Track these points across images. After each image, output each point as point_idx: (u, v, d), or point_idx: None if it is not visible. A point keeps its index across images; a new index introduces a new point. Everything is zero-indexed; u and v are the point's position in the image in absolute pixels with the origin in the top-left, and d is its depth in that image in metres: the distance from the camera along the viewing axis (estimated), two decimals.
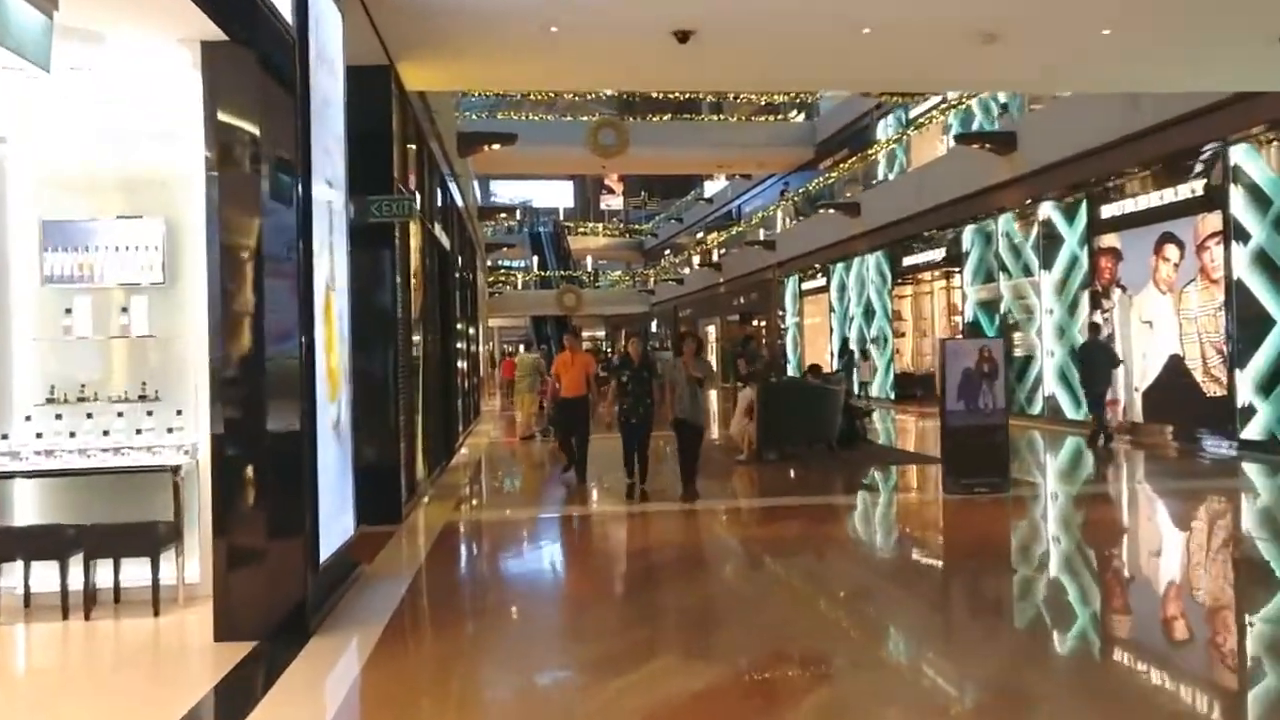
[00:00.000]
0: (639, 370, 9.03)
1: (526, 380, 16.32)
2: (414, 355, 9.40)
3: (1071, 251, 14.94)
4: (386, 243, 8.19)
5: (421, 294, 10.61)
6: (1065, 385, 15.20)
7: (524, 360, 17.10)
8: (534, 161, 35.10)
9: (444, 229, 13.99)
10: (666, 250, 50.78)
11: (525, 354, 16.88)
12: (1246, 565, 6.38)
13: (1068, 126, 14.63)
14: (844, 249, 24.89)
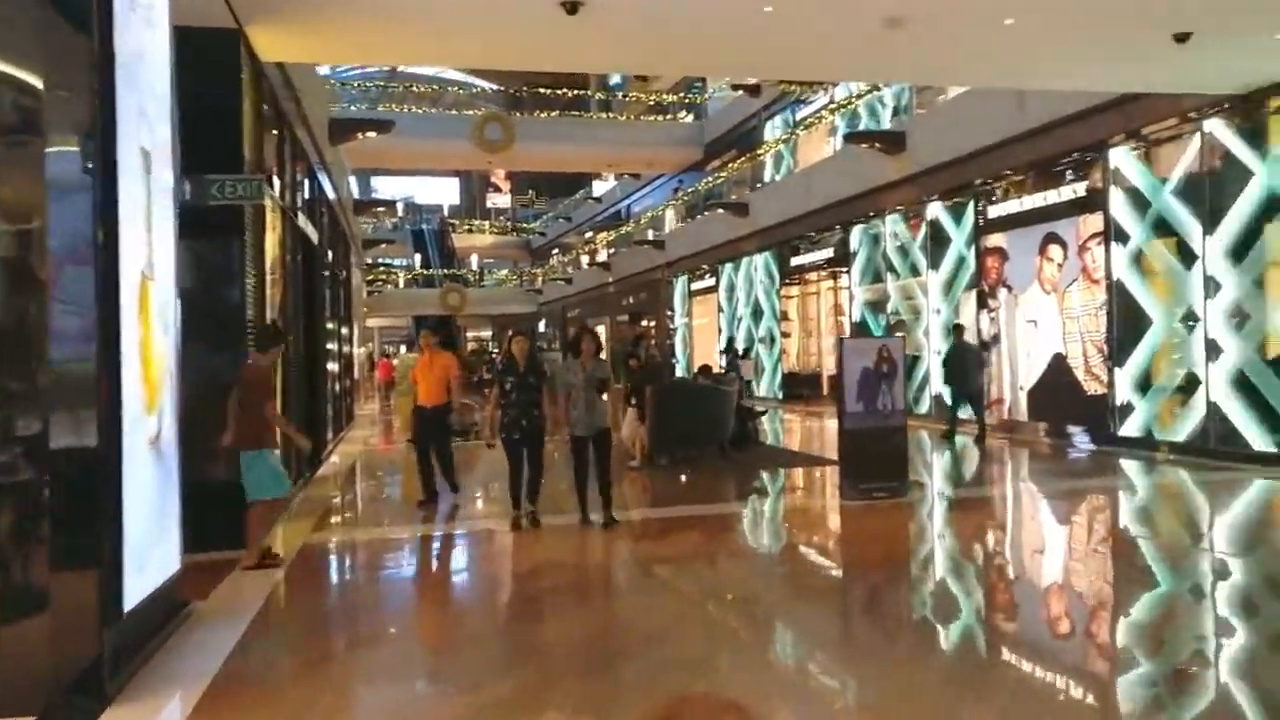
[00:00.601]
0: (525, 376, 7.56)
1: (406, 382, 15.48)
2: None
3: (958, 252, 15.00)
4: (234, 231, 7.27)
5: (282, 290, 9.65)
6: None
7: (404, 361, 16.19)
8: (417, 156, 33.89)
9: (312, 221, 12.96)
10: (555, 250, 50.03)
11: (406, 355, 15.99)
12: (1147, 565, 6.21)
13: (955, 127, 14.67)
14: (733, 249, 24.73)
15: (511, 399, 7.55)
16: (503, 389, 7.65)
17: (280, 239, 9.71)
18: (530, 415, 7.54)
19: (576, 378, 7.52)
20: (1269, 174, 9.38)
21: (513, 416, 7.54)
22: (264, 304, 8.27)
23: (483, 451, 9.20)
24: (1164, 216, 10.68)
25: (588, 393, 7.49)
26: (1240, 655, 4.58)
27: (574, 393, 7.50)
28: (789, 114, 25.45)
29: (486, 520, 8.49)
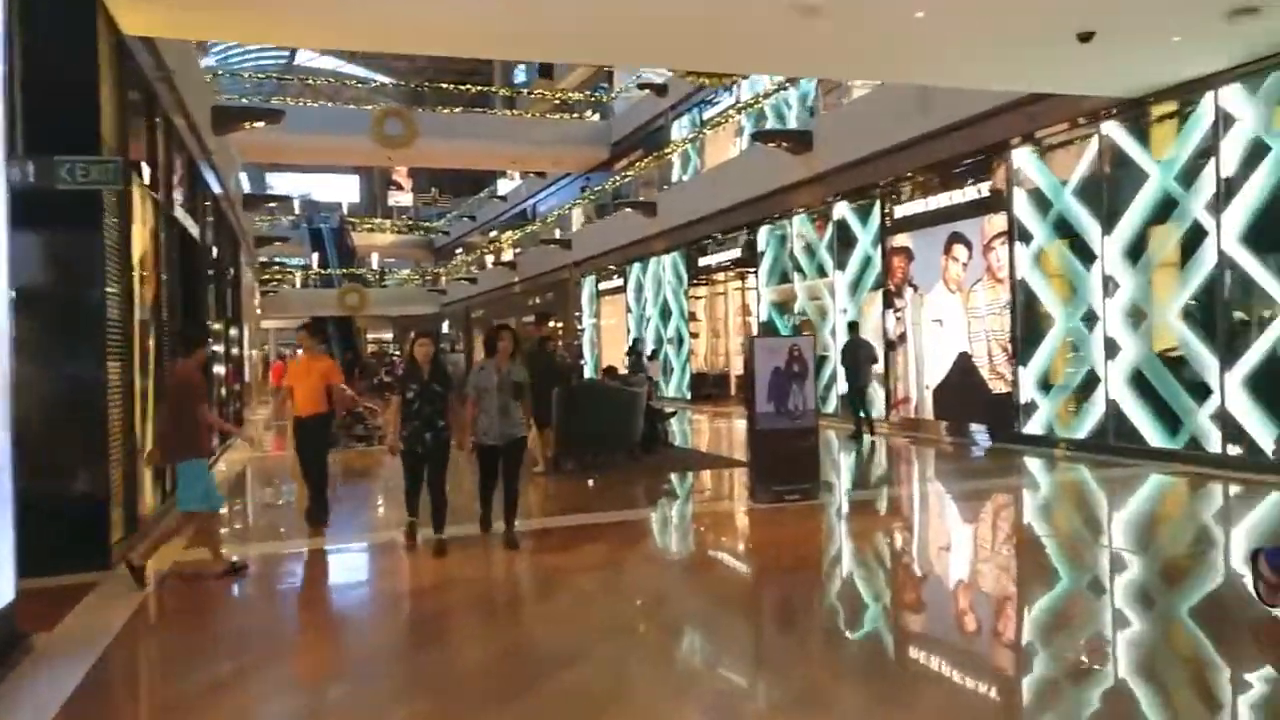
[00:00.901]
0: (429, 383, 6.76)
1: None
2: (136, 362, 7.72)
3: (865, 252, 15.04)
4: (92, 221, 6.56)
5: (154, 289, 8.90)
6: None
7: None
8: (314, 151, 32.67)
9: (193, 215, 12.11)
10: (458, 249, 49.00)
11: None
12: (1049, 562, 6.14)
13: (861, 127, 14.71)
14: (641, 249, 24.49)
15: (414, 409, 6.73)
16: (404, 397, 6.79)
17: (153, 232, 8.97)
18: (434, 428, 6.74)
19: (490, 380, 6.75)
20: (1163, 176, 9.55)
21: (415, 429, 6.73)
22: (131, 304, 7.55)
23: (386, 458, 8.27)
24: (1065, 217, 10.82)
25: (501, 397, 6.73)
26: (1138, 648, 4.64)
27: (485, 397, 6.74)
28: (696, 114, 25.40)
29: (381, 534, 7.95)
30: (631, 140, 29.59)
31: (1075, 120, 10.62)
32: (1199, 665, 4.39)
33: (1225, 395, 8.91)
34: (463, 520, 7.30)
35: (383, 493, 9.97)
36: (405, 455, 6.84)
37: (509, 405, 6.78)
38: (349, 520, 8.49)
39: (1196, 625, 5.02)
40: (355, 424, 15.15)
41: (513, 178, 43.12)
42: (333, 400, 7.90)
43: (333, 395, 7.88)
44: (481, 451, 6.86)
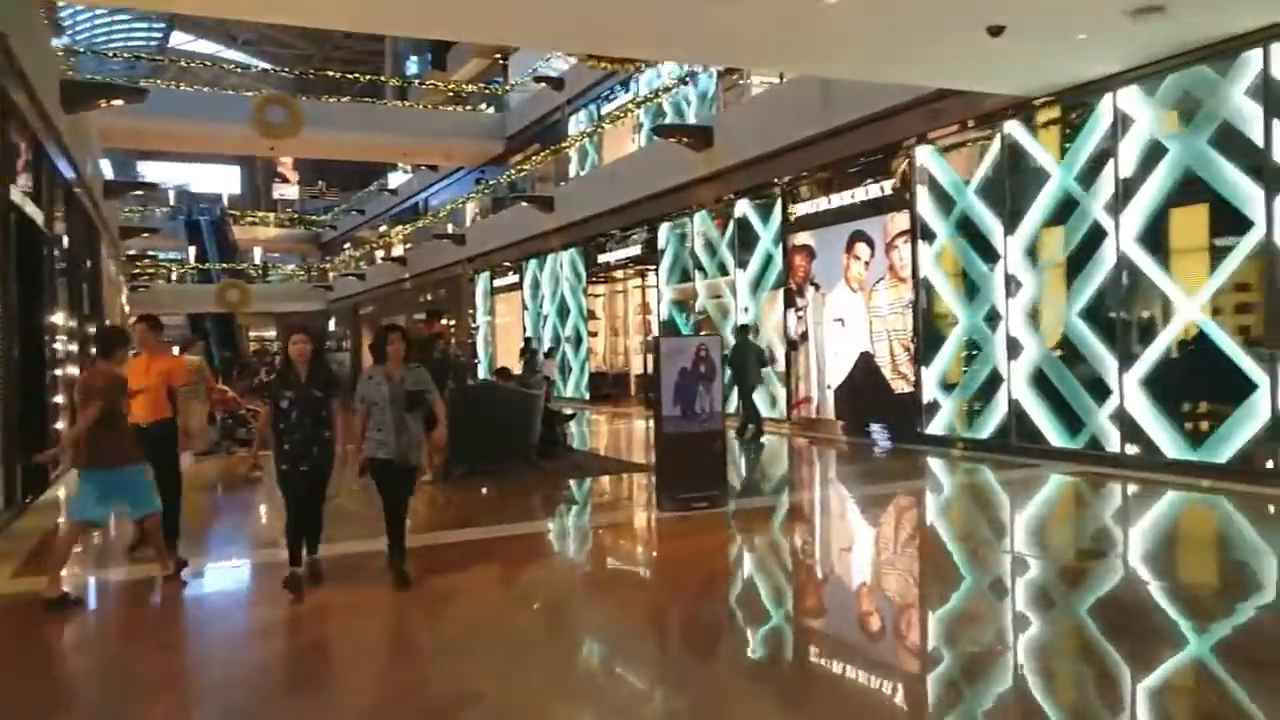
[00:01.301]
0: (308, 387, 5.71)
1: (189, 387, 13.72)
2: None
3: (766, 250, 14.82)
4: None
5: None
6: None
7: (187, 363, 14.08)
8: (190, 138, 30.84)
9: (36, 201, 10.91)
10: (346, 244, 47.24)
11: (188, 356, 14.03)
12: (954, 566, 5.90)
13: (762, 123, 14.49)
14: (538, 245, 23.86)
15: (291, 420, 5.62)
16: (277, 407, 5.69)
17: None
18: (320, 442, 5.71)
19: (380, 392, 5.65)
20: (1063, 176, 9.56)
21: (295, 443, 5.63)
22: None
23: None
24: (968, 216, 10.77)
25: (394, 411, 5.63)
26: (1039, 650, 4.62)
27: (375, 411, 5.67)
28: (594, 109, 24.96)
29: (258, 553, 7.16)
30: (527, 134, 28.94)
31: (978, 119, 10.58)
32: (1099, 665, 4.32)
33: (1124, 395, 8.94)
34: (344, 539, 6.62)
35: (262, 504, 9.12)
36: (283, 479, 5.70)
37: (405, 420, 5.67)
38: (216, 539, 7.66)
39: (1095, 625, 4.94)
40: (238, 427, 14.27)
41: (405, 171, 41.82)
42: (177, 405, 7.00)
43: (175, 398, 6.95)
44: (376, 467, 5.73)
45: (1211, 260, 8.32)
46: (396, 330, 5.86)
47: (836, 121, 12.59)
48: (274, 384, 5.93)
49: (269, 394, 5.89)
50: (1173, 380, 8.68)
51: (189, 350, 14.46)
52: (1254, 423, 7.90)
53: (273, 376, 6.00)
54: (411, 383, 5.73)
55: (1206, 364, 8.27)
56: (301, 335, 5.83)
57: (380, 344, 5.80)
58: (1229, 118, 8.07)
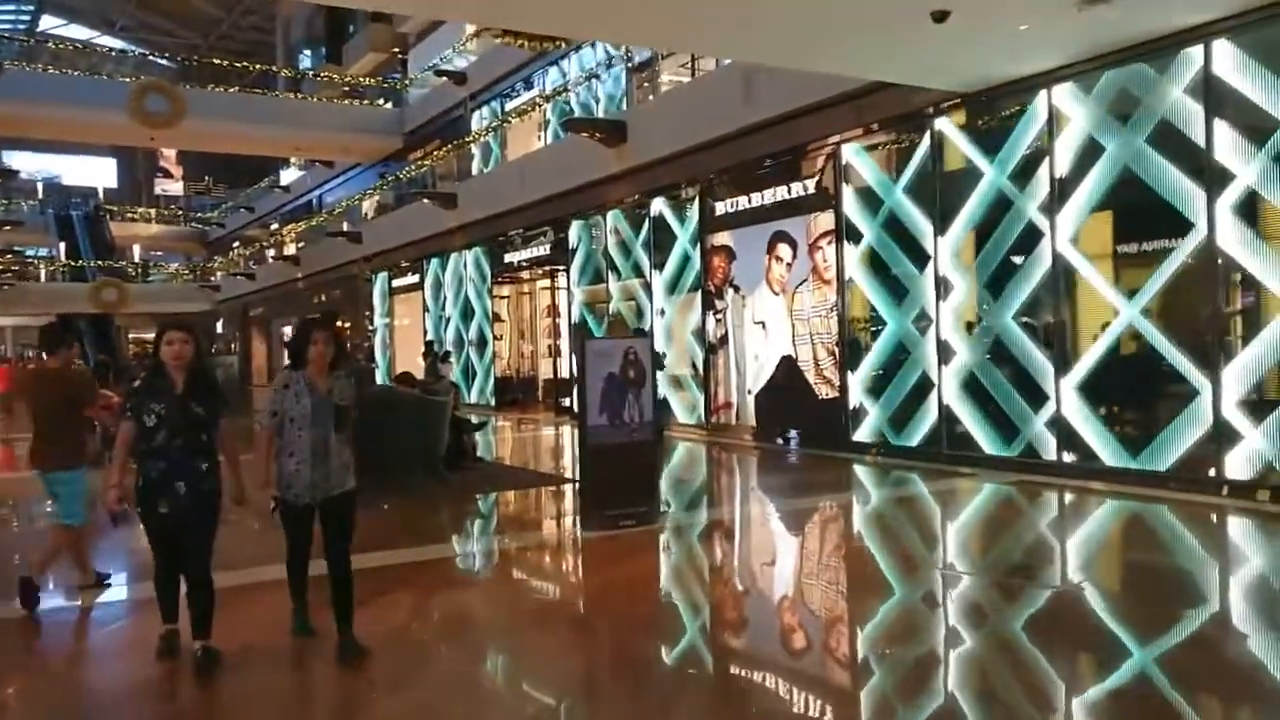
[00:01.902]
0: (185, 399, 4.44)
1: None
2: None
3: (683, 250, 14.31)
4: None
5: None
6: (675, 389, 14.58)
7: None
8: (59, 126, 28.60)
9: None
10: (236, 243, 44.95)
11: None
12: (887, 583, 5.45)
13: (680, 118, 13.97)
14: (440, 243, 22.86)
15: (157, 442, 4.35)
16: (141, 425, 4.39)
17: None
18: (191, 473, 4.39)
19: (300, 404, 4.43)
20: (996, 175, 9.30)
21: (161, 472, 4.34)
22: None
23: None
24: (896, 215, 10.44)
25: (318, 430, 4.42)
26: (974, 666, 4.49)
27: (292, 430, 4.44)
28: (498, 104, 24.15)
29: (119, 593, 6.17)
30: (427, 130, 27.90)
31: (905, 116, 10.26)
32: (1034, 682, 4.17)
33: (1061, 401, 8.70)
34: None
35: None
36: (146, 518, 4.42)
37: (330, 441, 4.45)
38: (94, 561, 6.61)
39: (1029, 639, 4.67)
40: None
41: (296, 168, 40.01)
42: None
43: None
44: (290, 514, 4.54)
45: (1151, 262, 8.13)
46: (325, 327, 4.57)
47: (757, 117, 12.15)
48: (138, 393, 4.46)
49: (130, 406, 4.46)
50: (1111, 386, 8.48)
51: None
52: (1195, 429, 7.72)
53: (137, 384, 4.58)
54: (339, 395, 4.51)
55: (1146, 369, 8.07)
56: (179, 333, 4.46)
57: (301, 343, 4.49)
58: (1168, 116, 7.89)
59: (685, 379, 14.35)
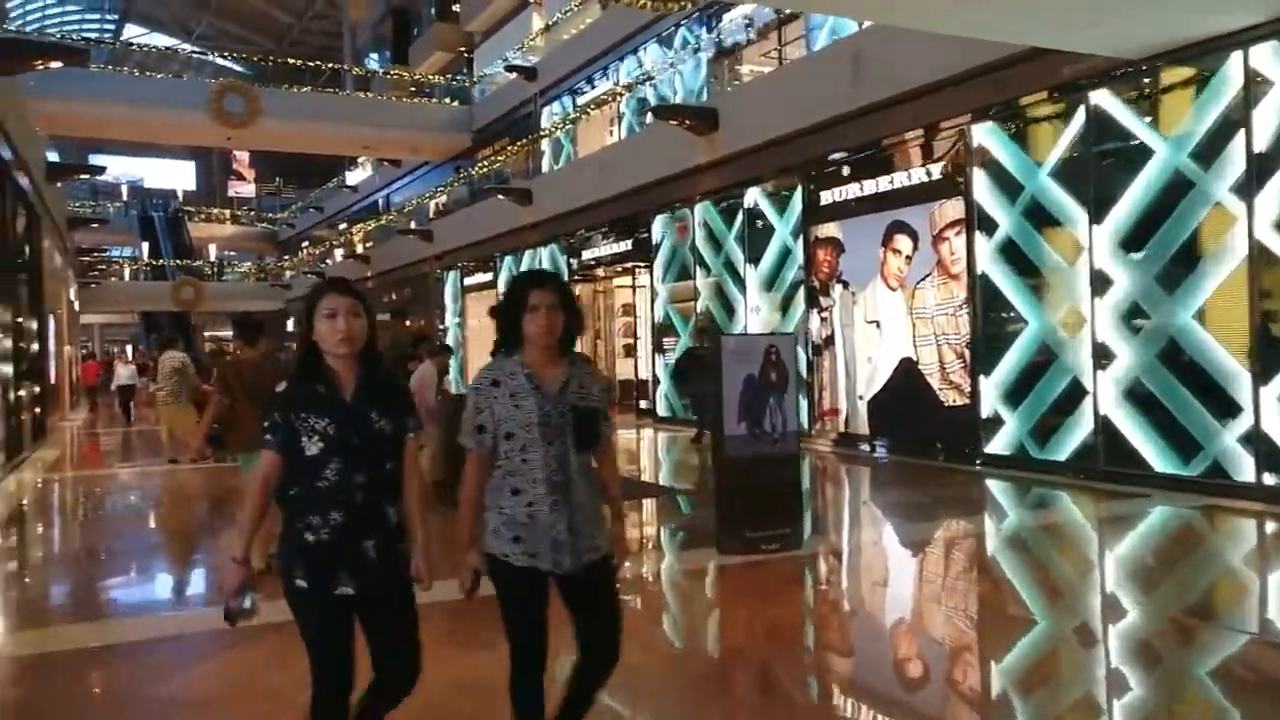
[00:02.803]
0: (364, 413, 2.69)
1: (168, 388, 12.26)
2: None
3: (783, 243, 13.36)
4: None
5: None
6: None
7: (164, 363, 12.66)
8: (143, 127, 28.86)
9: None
10: (305, 243, 45.21)
11: (170, 353, 12.71)
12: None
13: (779, 103, 13.04)
14: (513, 240, 22.22)
15: (327, 479, 2.63)
16: (297, 452, 2.64)
17: None
18: (383, 523, 2.69)
19: (523, 408, 2.74)
20: (1172, 154, 8.17)
21: (337, 528, 2.62)
22: None
23: None
24: (1040, 202, 9.35)
25: (553, 447, 2.75)
26: None
27: (513, 448, 2.76)
28: (570, 99, 23.58)
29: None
30: (496, 127, 27.52)
31: (1054, 89, 9.17)
32: None
33: (1260, 414, 7.51)
34: None
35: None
36: (307, 607, 2.65)
37: (572, 465, 2.77)
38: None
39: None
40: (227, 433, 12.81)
41: (364, 168, 40.05)
42: None
43: None
44: (514, 586, 2.79)
45: None
46: (548, 284, 2.80)
47: (870, 99, 11.18)
48: (286, 403, 2.67)
49: (273, 423, 2.67)
50: None
51: (169, 349, 12.81)
52: None
53: (282, 389, 2.74)
54: (584, 393, 2.81)
55: None
56: (346, 299, 2.67)
57: (515, 311, 2.77)
58: None
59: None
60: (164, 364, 12.59)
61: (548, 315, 2.74)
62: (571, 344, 2.85)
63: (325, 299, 2.68)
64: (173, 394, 12.26)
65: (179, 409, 12.30)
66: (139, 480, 12.03)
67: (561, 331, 2.78)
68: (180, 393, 12.30)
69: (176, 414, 12.33)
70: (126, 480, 12.12)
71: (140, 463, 13.31)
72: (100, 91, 25.21)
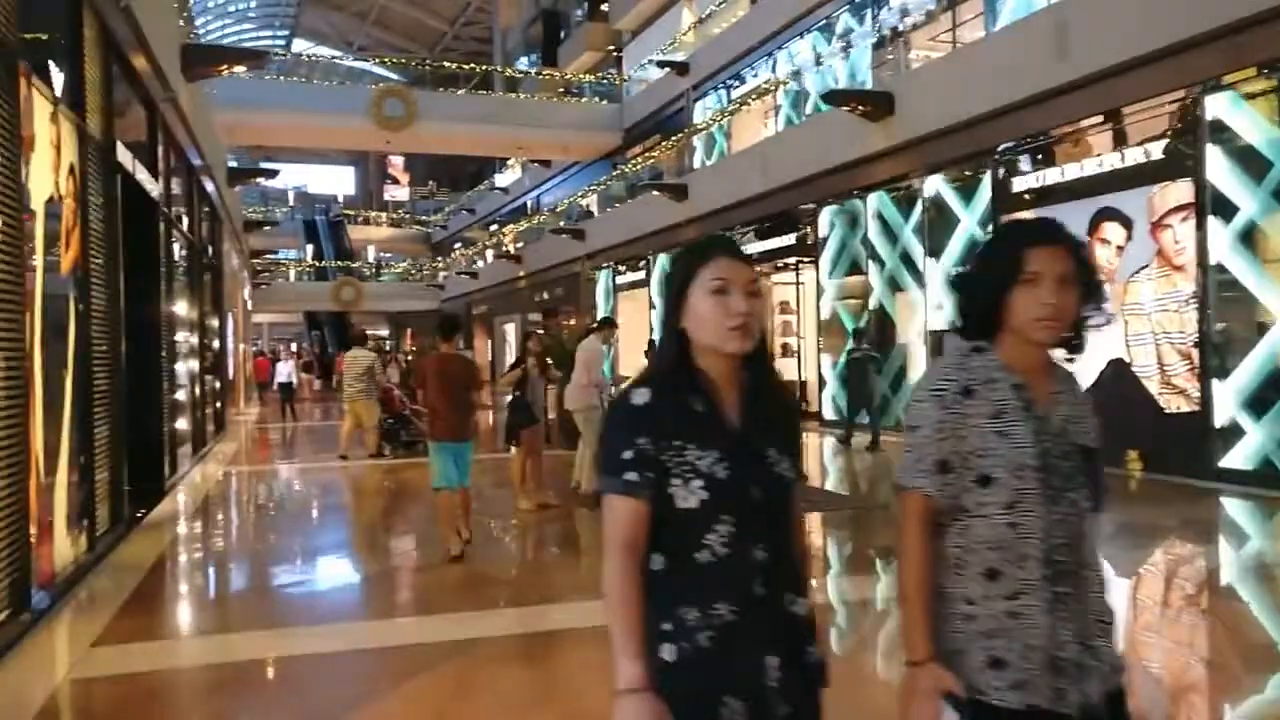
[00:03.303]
0: (759, 446, 1.69)
1: (360, 384, 12.78)
2: (35, 350, 5.10)
3: (970, 234, 12.48)
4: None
5: (77, 249, 6.27)
6: None
7: (356, 360, 13.17)
8: (307, 133, 30.24)
9: (150, 171, 9.45)
10: (457, 244, 46.57)
11: (358, 351, 13.21)
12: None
13: (965, 84, 12.18)
14: (668, 237, 21.93)
15: (713, 549, 1.61)
16: (665, 501, 1.62)
17: (77, 168, 6.32)
18: (793, 625, 1.67)
19: (1016, 438, 1.70)
20: None
21: (725, 629, 1.59)
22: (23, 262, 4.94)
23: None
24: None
25: (1068, 514, 1.71)
26: None
27: (997, 513, 1.69)
28: (723, 93, 23.14)
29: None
30: (646, 125, 27.36)
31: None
32: None
33: None
34: None
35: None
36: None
37: (1087, 540, 1.75)
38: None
39: None
40: (400, 429, 13.27)
41: (513, 169, 40.81)
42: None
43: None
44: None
45: None
46: (1063, 237, 1.77)
47: (1077, 72, 10.22)
48: (652, 423, 1.64)
49: (635, 455, 1.62)
50: None
51: (357, 346, 13.32)
52: None
53: (638, 400, 1.68)
54: (1076, 421, 1.81)
55: None
56: (746, 268, 1.71)
57: (999, 277, 1.75)
58: None
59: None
60: (354, 361, 12.96)
61: (1059, 290, 1.71)
62: (1080, 343, 1.84)
63: (713, 264, 1.69)
64: (365, 391, 12.71)
65: (368, 405, 12.75)
66: (324, 474, 12.29)
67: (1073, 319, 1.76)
68: (371, 390, 12.77)
69: (366, 409, 12.78)
70: (310, 474, 12.41)
71: (319, 458, 13.65)
72: (271, 101, 26.56)
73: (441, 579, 6.06)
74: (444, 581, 6.00)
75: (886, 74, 15.86)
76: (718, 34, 23.17)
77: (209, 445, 14.03)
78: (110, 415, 6.92)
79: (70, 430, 5.79)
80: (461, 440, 6.56)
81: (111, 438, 6.97)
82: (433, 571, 6.27)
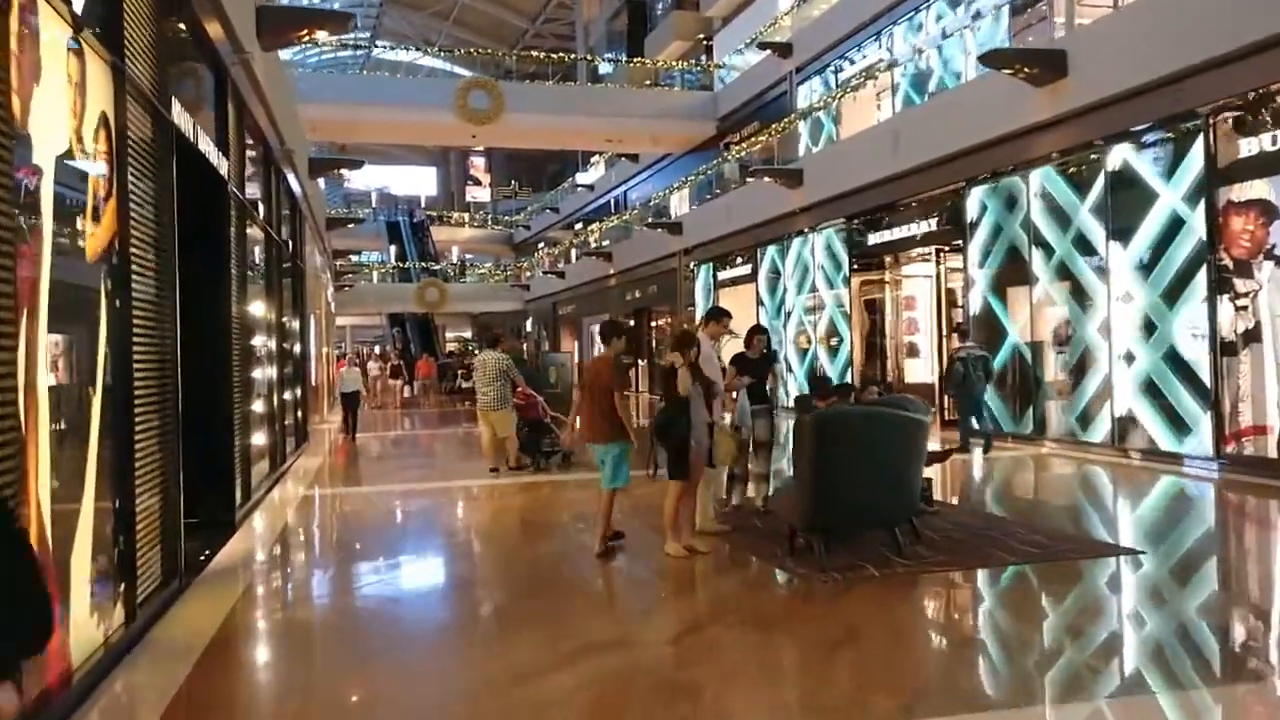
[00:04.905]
0: None
1: (494, 390, 11.24)
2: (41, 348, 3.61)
3: (1171, 211, 10.38)
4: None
5: (112, 227, 4.82)
6: (1152, 402, 10.72)
7: (486, 363, 11.54)
8: (392, 128, 29.43)
9: (223, 151, 8.06)
10: (540, 244, 45.49)
11: (488, 353, 11.63)
12: None
13: (1158, 36, 10.16)
14: (777, 228, 20.11)
15: None
16: None
17: (110, 126, 4.85)
18: None
19: None
20: None
21: None
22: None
23: None
24: None
25: None
26: None
27: None
28: (830, 76, 21.35)
29: None
30: (743, 113, 25.69)
31: None
32: None
33: None
34: None
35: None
36: None
37: None
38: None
39: None
40: (542, 437, 11.64)
41: (596, 166, 39.58)
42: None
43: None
44: None
45: None
46: None
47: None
48: None
49: None
50: None
51: (494, 347, 11.59)
52: None
53: None
54: None
55: None
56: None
57: None
58: None
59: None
60: (486, 366, 11.32)
61: None
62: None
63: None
64: (500, 398, 11.11)
65: (505, 414, 11.16)
66: (434, 496, 10.66)
67: None
68: (507, 397, 11.15)
69: (503, 419, 11.19)
70: (412, 497, 10.80)
71: (457, 477, 11.88)
72: (354, 96, 25.82)
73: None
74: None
75: (1029, 39, 13.84)
76: (821, 13, 21.48)
77: (289, 461, 12.74)
78: (160, 434, 5.49)
79: (97, 458, 4.33)
80: (597, 442, 6.65)
81: (163, 463, 5.53)
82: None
